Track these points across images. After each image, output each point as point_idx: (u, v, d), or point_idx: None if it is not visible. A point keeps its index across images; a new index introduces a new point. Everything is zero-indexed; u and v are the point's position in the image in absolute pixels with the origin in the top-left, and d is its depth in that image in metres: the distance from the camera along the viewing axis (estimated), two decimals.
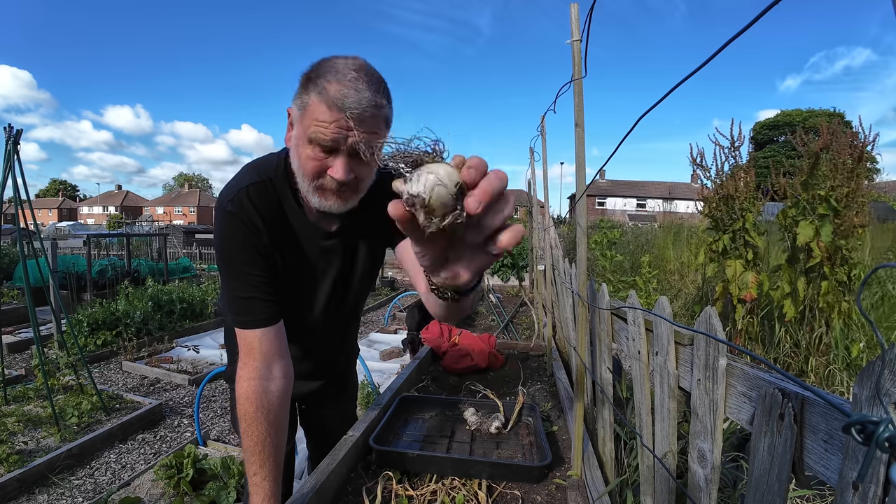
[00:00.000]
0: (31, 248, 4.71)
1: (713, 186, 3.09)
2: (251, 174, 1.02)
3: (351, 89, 0.84)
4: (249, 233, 0.99)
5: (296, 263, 1.09)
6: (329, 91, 0.84)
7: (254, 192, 0.99)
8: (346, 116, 0.84)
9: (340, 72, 0.86)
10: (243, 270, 1.00)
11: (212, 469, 2.51)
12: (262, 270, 1.01)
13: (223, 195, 1.01)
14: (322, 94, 0.85)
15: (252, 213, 0.98)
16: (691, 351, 0.92)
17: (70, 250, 10.83)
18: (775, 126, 38.87)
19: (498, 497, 1.32)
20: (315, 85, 0.87)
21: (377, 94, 0.86)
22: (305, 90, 0.88)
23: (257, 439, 0.99)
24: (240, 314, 1.01)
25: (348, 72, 0.85)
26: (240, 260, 0.99)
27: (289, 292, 1.10)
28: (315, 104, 0.86)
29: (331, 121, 0.85)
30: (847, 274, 2.69)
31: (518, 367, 2.70)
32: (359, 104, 0.84)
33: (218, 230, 1.00)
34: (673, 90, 0.63)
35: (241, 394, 1.00)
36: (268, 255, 1.02)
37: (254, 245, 0.99)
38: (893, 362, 0.43)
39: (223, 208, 0.99)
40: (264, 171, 1.02)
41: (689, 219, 8.61)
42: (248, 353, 1.02)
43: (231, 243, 0.99)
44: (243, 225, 0.98)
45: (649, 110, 0.73)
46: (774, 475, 0.65)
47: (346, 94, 0.84)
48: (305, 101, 0.88)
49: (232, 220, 0.98)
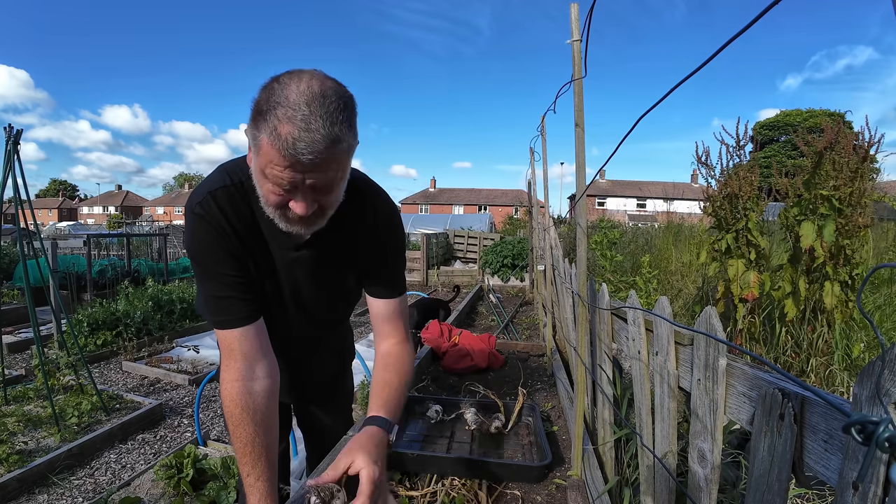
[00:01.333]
0: (31, 248, 4.71)
1: (718, 185, 3.09)
2: (222, 177, 0.99)
3: (303, 131, 0.78)
4: (219, 235, 0.97)
5: (266, 270, 1.07)
6: (281, 134, 0.79)
7: (222, 196, 0.97)
8: (301, 161, 0.80)
9: (292, 105, 0.79)
10: (217, 271, 0.99)
11: (212, 469, 2.51)
12: (236, 270, 1.00)
13: (192, 197, 0.99)
14: (273, 136, 0.80)
15: (219, 216, 0.96)
16: (691, 351, 0.92)
17: (70, 250, 10.82)
18: (775, 126, 38.87)
19: (498, 497, 1.32)
20: (266, 122, 0.81)
21: (333, 127, 0.80)
22: (256, 125, 0.83)
23: (246, 440, 0.99)
24: (217, 314, 1.00)
25: (300, 106, 0.79)
26: (212, 261, 0.98)
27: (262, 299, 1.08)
28: (267, 147, 0.81)
29: (285, 166, 0.82)
30: (849, 274, 2.69)
31: (518, 367, 2.70)
32: (312, 149, 0.79)
33: (188, 232, 0.99)
34: (672, 90, 0.63)
35: (225, 396, 1.00)
36: (239, 256, 1.01)
37: (224, 247, 0.98)
38: (893, 362, 0.43)
39: (192, 210, 0.97)
40: (236, 174, 1.00)
41: (689, 219, 8.61)
42: (228, 354, 1.01)
43: (202, 245, 0.98)
44: (212, 228, 0.96)
45: (649, 111, 0.74)
46: (774, 475, 0.65)
47: (297, 138, 0.79)
48: (258, 139, 0.83)
49: (200, 222, 0.96)
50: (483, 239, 12.04)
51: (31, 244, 4.14)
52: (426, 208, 46.88)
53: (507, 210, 40.51)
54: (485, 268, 9.80)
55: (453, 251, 13.26)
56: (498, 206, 44.15)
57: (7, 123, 2.98)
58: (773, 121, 39.96)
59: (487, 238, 12.06)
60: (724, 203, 3.02)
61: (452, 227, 17.20)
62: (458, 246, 13.26)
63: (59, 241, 9.09)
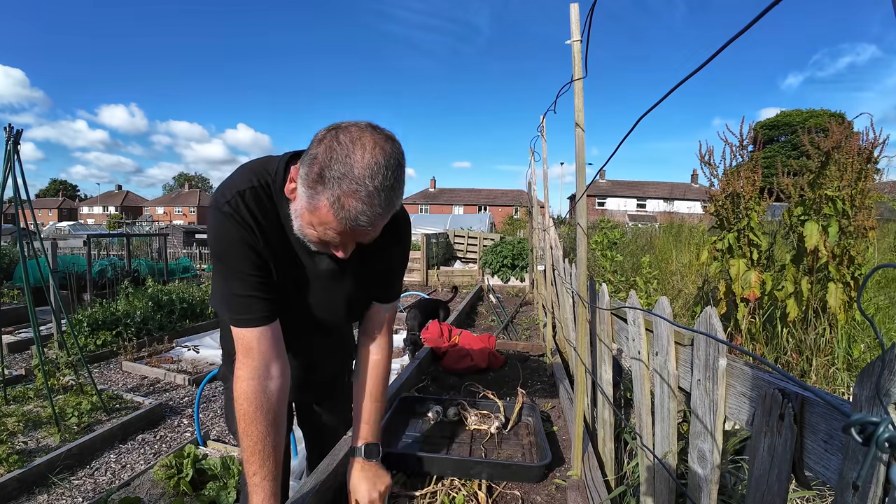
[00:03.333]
0: (31, 248, 4.71)
1: (720, 185, 3.09)
2: (249, 177, 1.00)
3: (367, 206, 0.83)
4: (246, 234, 0.98)
5: (289, 274, 1.08)
6: (344, 206, 0.83)
7: (250, 197, 0.98)
8: (357, 229, 0.86)
9: (357, 180, 0.82)
10: (241, 269, 0.99)
11: (212, 469, 2.51)
12: (258, 270, 1.01)
13: (219, 195, 0.99)
14: (336, 206, 0.83)
15: (248, 216, 0.97)
16: (691, 351, 0.92)
17: (70, 250, 10.82)
18: (775, 126, 38.88)
19: (498, 497, 1.32)
20: (329, 189, 0.83)
21: (392, 199, 0.86)
22: (317, 187, 0.85)
23: (257, 439, 0.99)
24: (238, 312, 1.01)
25: (365, 182, 0.82)
26: (237, 259, 0.99)
27: (281, 300, 1.09)
28: (327, 212, 0.85)
29: (340, 231, 0.87)
30: (852, 275, 2.69)
31: (518, 367, 2.70)
32: (372, 222, 0.85)
33: (214, 230, 0.99)
34: (672, 91, 0.63)
35: (239, 394, 1.00)
36: (263, 257, 1.01)
37: (250, 245, 0.99)
38: (893, 363, 0.43)
39: (219, 208, 0.97)
40: (262, 176, 1.00)
41: (690, 219, 8.61)
42: (246, 352, 1.01)
43: (228, 244, 0.98)
44: (240, 226, 0.97)
45: (649, 111, 0.73)
46: (774, 475, 0.65)
47: (360, 212, 0.83)
48: (317, 200, 0.86)
49: (229, 220, 0.97)
50: (483, 239, 12.04)
51: (31, 244, 4.14)
52: (426, 208, 46.88)
53: (507, 210, 40.53)
54: (485, 268, 9.80)
55: (453, 251, 13.26)
56: (498, 207, 44.15)
57: (7, 123, 2.98)
58: (773, 121, 39.99)
59: (487, 238, 12.07)
60: (726, 203, 3.02)
61: (452, 227, 17.20)
62: (458, 246, 13.26)
63: (59, 241, 9.09)
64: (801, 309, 2.76)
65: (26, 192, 3.14)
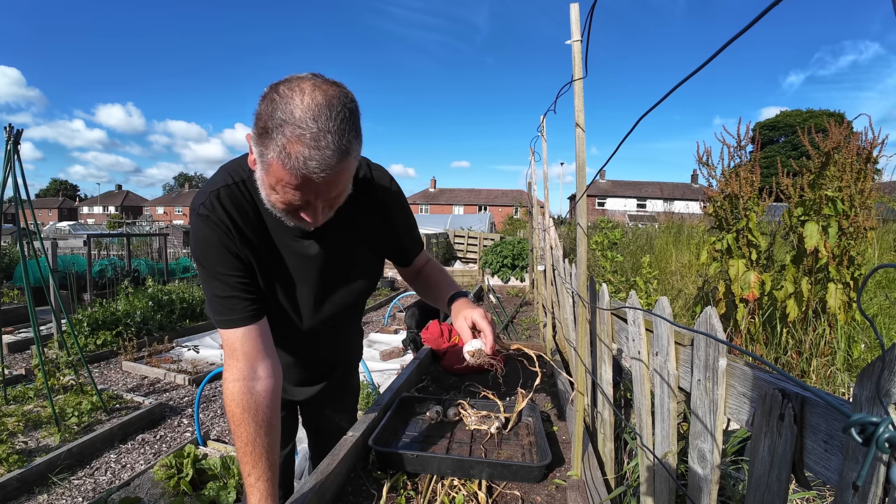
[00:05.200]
0: (31, 248, 4.71)
1: (718, 185, 3.09)
2: (224, 176, 1.01)
3: (313, 149, 0.78)
4: (223, 234, 0.99)
5: (274, 264, 1.08)
6: (291, 154, 0.79)
7: (225, 195, 0.99)
8: (313, 179, 0.81)
9: (298, 123, 0.78)
10: (220, 271, 1.00)
11: (212, 469, 2.51)
12: (238, 270, 1.01)
13: (196, 199, 1.01)
14: (283, 155, 0.80)
15: (223, 216, 0.98)
16: (691, 351, 0.92)
17: (70, 250, 10.82)
18: (775, 126, 38.86)
19: (498, 497, 1.32)
20: (273, 140, 0.80)
21: (342, 141, 0.81)
22: (263, 142, 0.82)
23: (247, 440, 0.99)
24: (220, 314, 1.01)
25: (307, 123, 0.78)
26: (215, 261, 1.00)
27: (271, 294, 1.10)
28: (277, 166, 0.81)
29: (296, 185, 0.83)
30: (851, 275, 2.69)
31: (518, 367, 2.70)
32: (323, 166, 0.80)
33: (193, 233, 1.01)
34: (672, 91, 0.63)
35: (226, 395, 1.00)
36: (244, 256, 1.02)
37: (228, 246, 0.99)
38: (893, 363, 0.43)
39: (196, 211, 0.99)
40: (237, 172, 1.02)
41: (689, 219, 8.61)
42: (231, 353, 1.02)
43: (205, 246, 0.99)
44: (216, 227, 0.98)
45: (649, 111, 0.73)
46: (774, 476, 0.65)
47: (309, 157, 0.79)
48: (266, 157, 0.83)
49: (205, 223, 0.98)
50: (483, 239, 12.05)
51: (31, 244, 4.14)
52: (426, 208, 46.87)
53: (507, 210, 40.50)
54: (485, 268, 9.80)
55: (453, 251, 13.26)
56: (498, 207, 44.14)
57: (7, 123, 2.98)
58: (773, 121, 39.99)
59: (487, 238, 12.07)
60: (725, 203, 3.02)
61: (452, 227, 17.20)
62: (458, 246, 13.26)
63: (59, 240, 9.09)
64: (801, 309, 2.76)
65: (26, 191, 3.14)
